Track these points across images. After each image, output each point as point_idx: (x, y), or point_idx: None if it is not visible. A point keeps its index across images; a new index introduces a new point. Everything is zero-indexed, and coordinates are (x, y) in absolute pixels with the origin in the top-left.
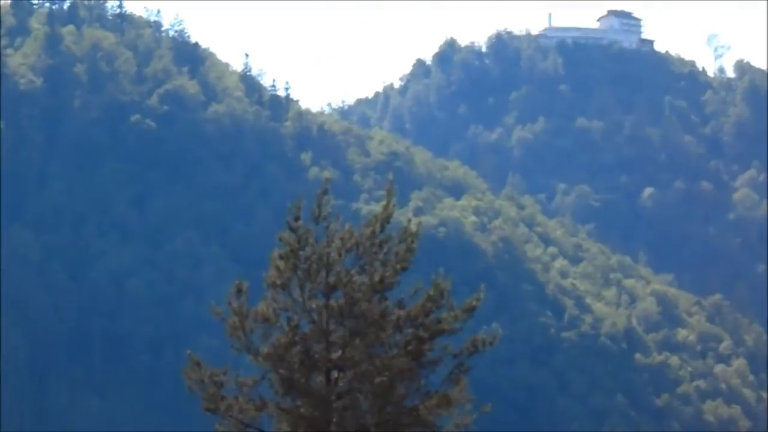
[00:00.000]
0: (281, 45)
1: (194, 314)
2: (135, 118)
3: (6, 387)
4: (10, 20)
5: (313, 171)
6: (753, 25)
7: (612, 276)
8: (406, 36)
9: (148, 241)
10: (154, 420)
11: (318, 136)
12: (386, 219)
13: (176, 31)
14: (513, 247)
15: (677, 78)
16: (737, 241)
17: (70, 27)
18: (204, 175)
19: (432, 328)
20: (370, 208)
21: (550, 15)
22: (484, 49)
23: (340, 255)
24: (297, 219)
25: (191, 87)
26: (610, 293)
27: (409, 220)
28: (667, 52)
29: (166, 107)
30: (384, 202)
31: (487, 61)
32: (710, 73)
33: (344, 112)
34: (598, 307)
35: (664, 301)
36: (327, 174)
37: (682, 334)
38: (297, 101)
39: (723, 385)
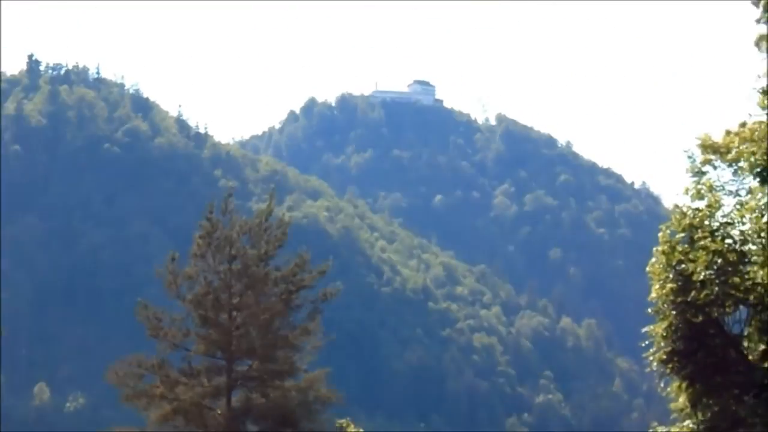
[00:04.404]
0: (204, 99)
1: (144, 274)
2: (106, 146)
3: (15, 319)
4: (25, 80)
5: (222, 182)
6: (509, 87)
7: (414, 251)
8: (284, 93)
9: (115, 226)
10: (116, 342)
11: (225, 159)
12: (269, 213)
13: (134, 90)
14: (350, 232)
15: (458, 124)
16: (496, 230)
17: (65, 86)
18: (151, 184)
19: (298, 284)
20: (258, 206)
21: (376, 82)
22: (333, 104)
23: (238, 236)
24: (211, 212)
25: (143, 126)
26: (413, 263)
27: (284, 214)
28: (452, 107)
29: (126, 139)
30: (267, 203)
31: (335, 112)
32: (479, 121)
33: (243, 144)
34: (405, 271)
35: (448, 268)
36: (231, 184)
37: (459, 289)
38: (212, 136)
39: (485, 323)
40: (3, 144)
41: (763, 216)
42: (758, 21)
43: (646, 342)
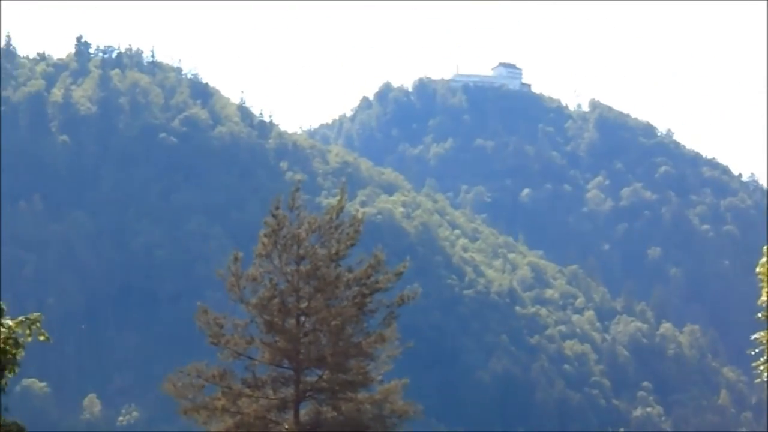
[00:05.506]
0: (269, 84)
1: (204, 276)
2: (162, 135)
3: (67, 326)
4: (73, 65)
5: (288, 174)
6: (604, 71)
7: (499, 251)
8: (356, 78)
9: (171, 223)
10: (173, 350)
11: (292, 150)
12: (340, 209)
13: (192, 74)
14: (429, 229)
15: (547, 111)
16: (589, 227)
17: (117, 70)
18: (211, 177)
19: (372, 286)
20: (328, 201)
21: (457, 65)
22: (410, 89)
23: (307, 234)
24: (277, 208)
25: (202, 114)
26: (498, 263)
27: (356, 210)
28: (540, 92)
29: (184, 128)
30: (338, 198)
31: (412, 98)
32: (571, 107)
33: (311, 133)
34: (489, 272)
35: (536, 269)
36: (298, 177)
37: (548, 292)
38: (277, 125)
39: (578, 330)
40: (50, 134)
41: None
42: None
43: (756, 350)
